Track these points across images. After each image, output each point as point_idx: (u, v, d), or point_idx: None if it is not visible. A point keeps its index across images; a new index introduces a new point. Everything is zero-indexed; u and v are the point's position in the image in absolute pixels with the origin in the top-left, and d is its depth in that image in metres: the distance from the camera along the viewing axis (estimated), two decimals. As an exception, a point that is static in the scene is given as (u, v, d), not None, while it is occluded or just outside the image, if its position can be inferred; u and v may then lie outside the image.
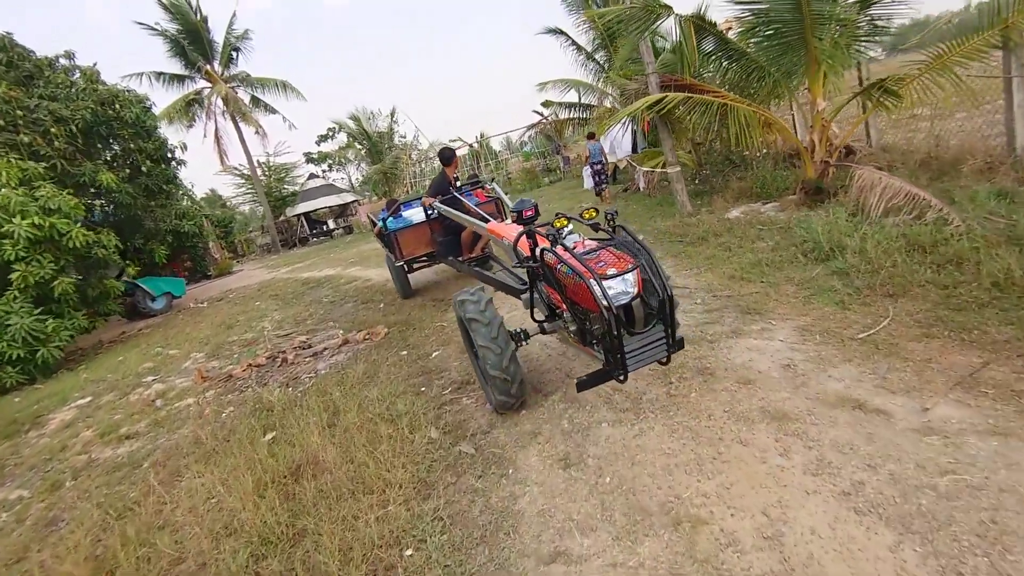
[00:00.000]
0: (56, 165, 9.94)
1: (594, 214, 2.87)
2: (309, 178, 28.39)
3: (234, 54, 22.99)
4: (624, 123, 10.16)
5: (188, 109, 22.41)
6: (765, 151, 9.13)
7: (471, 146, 27.03)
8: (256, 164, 25.83)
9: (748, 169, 8.76)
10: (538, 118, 24.33)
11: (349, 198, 27.44)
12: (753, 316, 3.86)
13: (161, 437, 4.55)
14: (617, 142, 10.53)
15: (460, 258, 6.20)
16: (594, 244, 2.71)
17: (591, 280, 2.23)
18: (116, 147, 12.04)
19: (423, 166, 26.74)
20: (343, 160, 30.58)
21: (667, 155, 7.58)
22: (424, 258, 6.88)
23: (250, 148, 24.23)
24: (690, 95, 6.41)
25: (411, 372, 4.56)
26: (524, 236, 2.89)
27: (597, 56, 19.95)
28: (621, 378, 2.37)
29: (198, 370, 5.99)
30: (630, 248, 2.55)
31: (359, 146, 28.49)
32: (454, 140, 27.34)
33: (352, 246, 17.65)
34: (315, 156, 30.68)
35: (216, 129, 23.03)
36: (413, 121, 57.83)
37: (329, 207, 26.82)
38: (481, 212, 5.33)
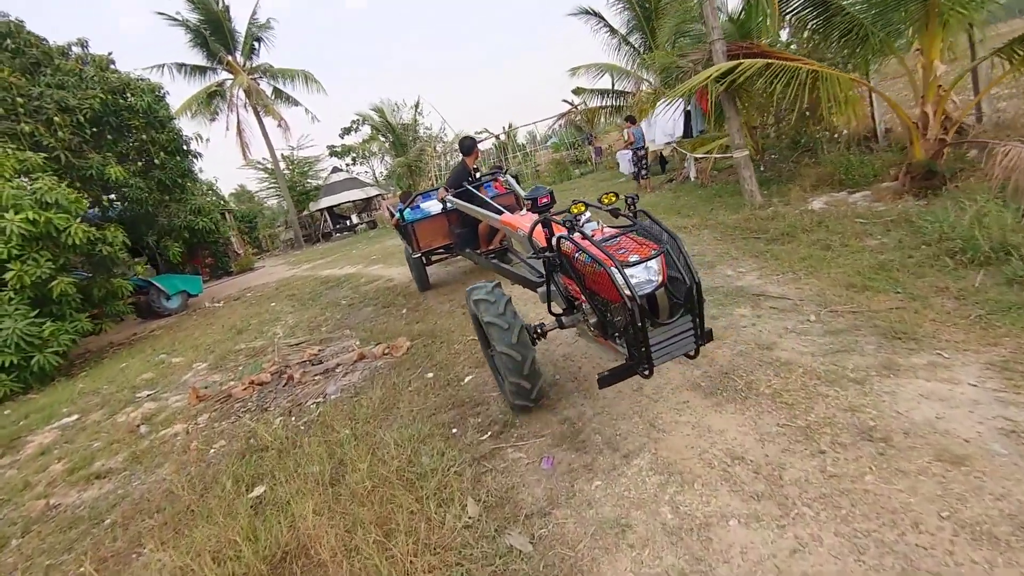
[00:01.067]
0: (60, 157, 9.32)
1: (613, 199, 2.59)
2: (332, 172, 27.77)
3: (256, 45, 22.44)
4: (673, 104, 9.07)
5: (210, 101, 21.95)
6: (834, 134, 7.95)
7: (497, 137, 26.05)
8: (280, 158, 25.34)
9: (818, 154, 7.59)
10: (567, 108, 23.21)
11: (373, 192, 26.74)
12: (906, 343, 2.81)
13: (136, 478, 3.73)
14: (663, 126, 9.39)
15: (478, 250, 6.01)
16: (614, 231, 2.49)
17: (612, 268, 2.07)
18: (129, 138, 11.41)
19: (448, 158, 25.85)
20: (367, 153, 29.89)
21: (733, 137, 6.48)
22: (442, 250, 6.80)
23: (272, 141, 23.70)
24: (769, 62, 5.31)
25: (439, 403, 3.63)
26: (540, 225, 2.77)
27: (632, 39, 18.81)
28: (646, 373, 2.21)
29: (193, 389, 5.18)
30: (652, 234, 2.39)
31: (383, 139, 27.74)
32: (480, 131, 26.42)
33: (375, 241, 16.89)
34: (338, 149, 30.05)
35: (238, 122, 22.54)
36: (439, 112, 56.86)
37: (353, 201, 26.18)
38: (495, 204, 4.97)
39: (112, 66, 12.36)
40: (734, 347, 3.29)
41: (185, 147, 12.59)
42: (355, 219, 26.70)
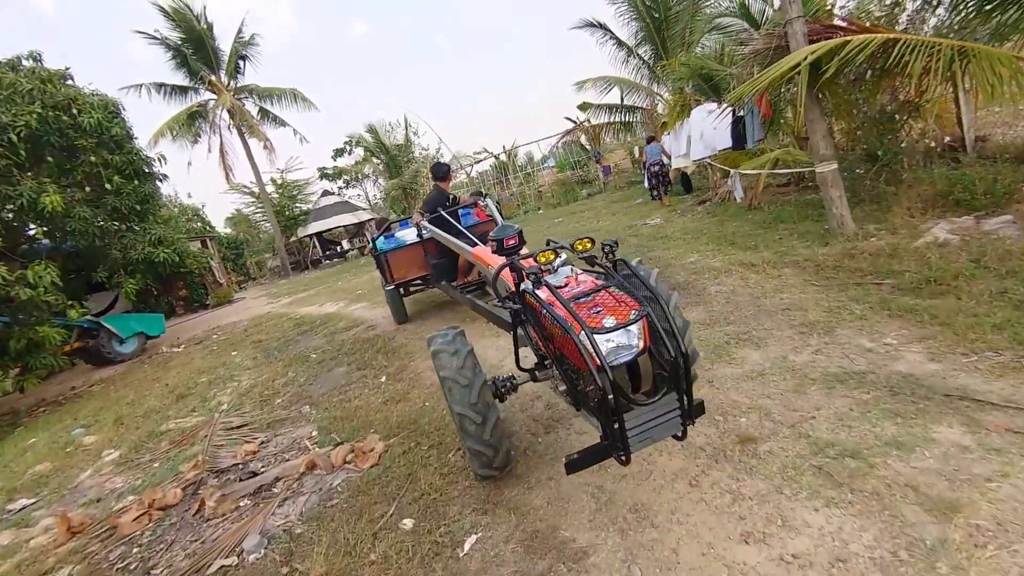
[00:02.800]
0: (-22, 182, 7.77)
1: (588, 245, 2.28)
2: (323, 195, 26.31)
3: (241, 63, 21.18)
4: (718, 112, 7.59)
5: (192, 122, 20.59)
6: (916, 142, 6.45)
7: (496, 157, 24.69)
8: (268, 181, 23.94)
9: (899, 168, 6.07)
10: (571, 125, 21.92)
11: (365, 216, 25.24)
12: None
13: None
14: (704, 138, 7.87)
15: (455, 284, 5.53)
16: (590, 283, 2.16)
17: (580, 334, 1.78)
18: (77, 161, 9.88)
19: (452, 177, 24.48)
20: (360, 175, 28.52)
21: (817, 146, 4.94)
22: (418, 281, 6.48)
23: (258, 164, 22.28)
24: (893, 38, 3.79)
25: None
26: (508, 268, 2.39)
27: (641, 50, 17.57)
28: (623, 459, 1.85)
29: (62, 516, 3.51)
30: (635, 288, 2.05)
31: (376, 160, 26.40)
32: (479, 152, 25.08)
33: (364, 271, 15.30)
34: (330, 172, 28.67)
35: (221, 144, 21.16)
36: (435, 132, 55.68)
37: (344, 226, 24.66)
38: (468, 235, 4.59)
39: (69, 81, 10.96)
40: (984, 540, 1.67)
41: (146, 169, 11.05)
42: (346, 245, 25.17)
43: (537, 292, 2.11)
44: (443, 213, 5.15)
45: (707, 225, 7.58)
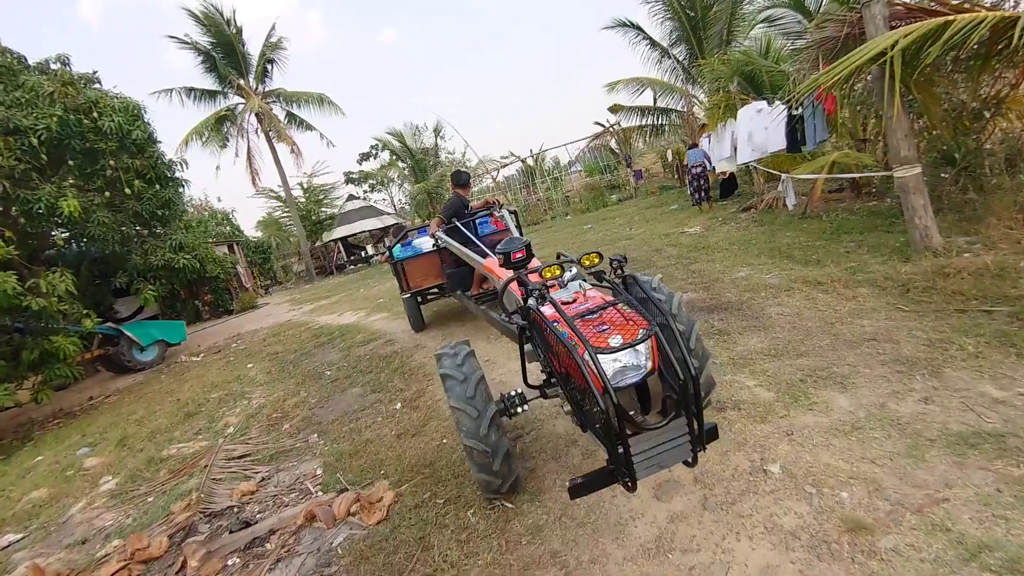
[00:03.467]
0: (-3, 187, 7.62)
1: (596, 260, 2.22)
2: (348, 199, 26.23)
3: (269, 67, 21.21)
4: (763, 111, 6.95)
5: (220, 127, 20.68)
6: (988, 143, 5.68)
7: (524, 161, 24.18)
8: (294, 185, 23.96)
9: (986, 173, 5.33)
10: (600, 129, 21.30)
11: (390, 221, 25.04)
12: None
13: None
14: (754, 139, 7.15)
15: (469, 293, 5.40)
16: (597, 299, 2.10)
17: (584, 355, 1.69)
18: (104, 164, 9.75)
19: (471, 184, 24.11)
20: (385, 180, 28.38)
21: (898, 147, 4.27)
22: (435, 290, 6.45)
23: (285, 168, 22.28)
24: (1007, 17, 3.14)
25: None
26: (516, 283, 2.41)
27: (676, 51, 16.90)
28: (629, 485, 1.75)
29: (35, 569, 3.11)
30: (643, 306, 1.97)
31: (402, 164, 26.22)
32: (505, 156, 24.62)
33: (388, 277, 14.92)
34: (355, 176, 28.62)
35: (248, 148, 21.19)
36: (461, 135, 55.55)
37: (369, 231, 24.48)
38: (481, 245, 4.43)
39: (96, 85, 10.90)
40: None
41: (168, 174, 10.90)
42: (370, 250, 24.99)
43: (541, 309, 2.05)
44: (457, 224, 4.99)
45: (755, 235, 6.91)
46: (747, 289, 4.86)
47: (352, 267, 23.85)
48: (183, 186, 11.59)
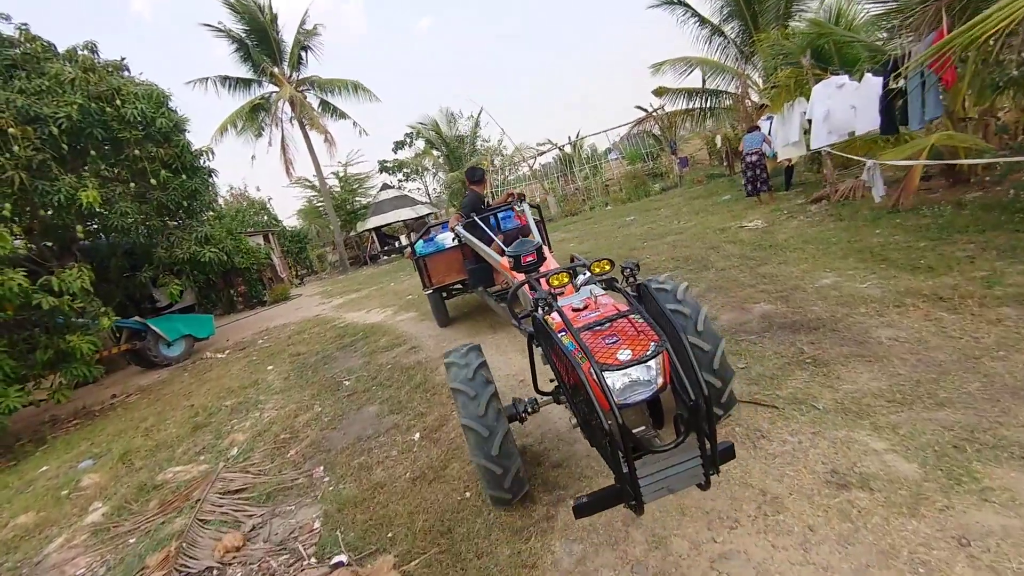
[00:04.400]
0: (14, 178, 7.32)
1: (607, 267, 2.12)
2: (382, 189, 25.86)
3: (303, 55, 20.89)
4: (846, 87, 5.94)
5: (255, 116, 20.53)
6: None
7: (560, 149, 23.21)
8: (328, 174, 23.69)
9: None
10: (642, 114, 20.11)
11: (424, 210, 24.55)
12: None
13: None
14: (834, 119, 6.06)
15: (491, 289, 5.27)
16: (608, 307, 2.05)
17: (590, 370, 1.59)
18: (128, 154, 9.46)
19: (506, 173, 23.30)
20: (420, 169, 27.87)
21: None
22: (457, 286, 6.39)
23: (319, 157, 22.02)
24: None
25: None
26: (527, 286, 2.39)
27: (727, 28, 15.64)
28: (636, 508, 1.64)
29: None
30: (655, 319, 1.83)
31: (436, 152, 25.62)
32: (542, 143, 23.70)
33: (419, 271, 14.46)
34: (390, 165, 28.21)
35: (283, 137, 20.99)
36: (497, 122, 54.50)
37: (403, 221, 24.04)
38: (499, 242, 4.34)
39: (126, 73, 10.64)
40: None
41: (195, 163, 10.57)
42: (404, 240, 24.57)
43: (547, 319, 1.96)
44: (476, 219, 4.79)
45: (833, 231, 5.92)
46: (839, 302, 3.96)
47: (385, 257, 23.52)
48: (210, 176, 11.27)
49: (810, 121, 6.82)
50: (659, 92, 16.94)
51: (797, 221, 7.04)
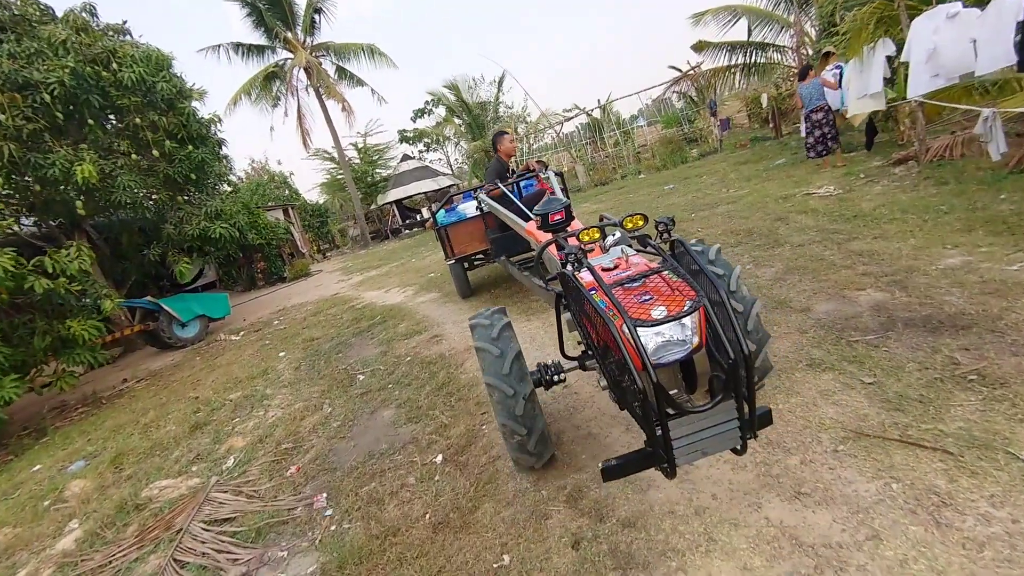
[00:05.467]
0: (3, 150, 6.74)
1: (640, 222, 2.00)
2: (402, 160, 24.97)
3: (316, 17, 19.89)
4: (958, 16, 4.85)
5: (269, 84, 19.78)
6: None
7: (589, 114, 21.91)
8: (347, 146, 22.94)
9: None
10: (676, 74, 18.67)
11: (447, 182, 23.65)
12: None
13: None
14: (942, 58, 4.93)
15: (513, 259, 5.20)
16: (642, 265, 1.94)
17: (622, 327, 1.50)
18: (128, 122, 8.82)
19: (530, 141, 22.18)
20: (440, 138, 26.85)
21: None
22: (480, 256, 6.34)
23: (336, 127, 21.22)
24: None
25: None
26: (554, 246, 2.37)
27: (778, -29, 14.07)
28: (668, 472, 1.57)
29: None
30: (692, 275, 1.72)
31: (458, 121, 24.54)
32: (568, 109, 22.40)
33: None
34: (410, 134, 27.23)
35: (299, 107, 20.22)
36: (521, 85, 52.37)
37: (424, 193, 23.21)
38: (523, 208, 3.98)
39: (127, 37, 9.95)
40: None
41: (202, 133, 9.89)
42: (426, 213, 23.80)
43: (577, 275, 1.86)
44: (500, 185, 4.71)
45: (938, 197, 4.91)
46: (985, 290, 3.05)
47: (407, 231, 22.84)
48: (220, 146, 10.60)
49: (895, 67, 5.67)
50: (699, 47, 15.51)
51: (880, 186, 6.01)
